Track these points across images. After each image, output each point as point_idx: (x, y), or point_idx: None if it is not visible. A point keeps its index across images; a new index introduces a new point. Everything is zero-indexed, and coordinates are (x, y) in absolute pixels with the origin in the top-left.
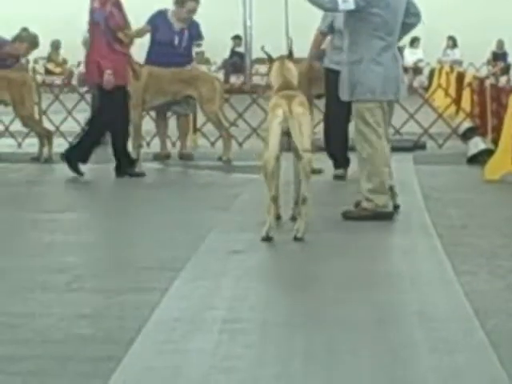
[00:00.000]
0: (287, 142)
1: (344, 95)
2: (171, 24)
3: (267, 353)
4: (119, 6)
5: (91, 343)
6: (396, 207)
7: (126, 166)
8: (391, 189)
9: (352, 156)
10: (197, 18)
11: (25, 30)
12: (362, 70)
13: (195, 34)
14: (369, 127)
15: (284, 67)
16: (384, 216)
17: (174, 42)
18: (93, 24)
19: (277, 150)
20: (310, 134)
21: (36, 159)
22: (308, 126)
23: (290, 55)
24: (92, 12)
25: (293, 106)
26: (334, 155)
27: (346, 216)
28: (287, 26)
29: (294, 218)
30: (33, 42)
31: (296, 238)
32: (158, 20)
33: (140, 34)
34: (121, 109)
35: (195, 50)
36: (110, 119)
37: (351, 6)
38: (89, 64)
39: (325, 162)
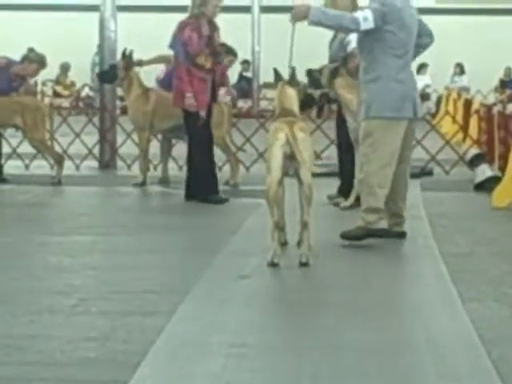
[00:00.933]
0: (290, 167)
1: (366, 112)
2: None
3: (273, 378)
4: (199, 32)
5: (97, 366)
6: (402, 234)
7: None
8: (399, 213)
9: None
10: None
11: (31, 50)
12: (378, 88)
13: None
14: (371, 147)
15: (283, 93)
16: (376, 232)
17: None
18: (172, 49)
19: (279, 174)
20: (312, 160)
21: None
22: (309, 151)
23: (291, 80)
24: (172, 37)
25: (295, 130)
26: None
27: (344, 236)
28: (291, 52)
29: (300, 243)
30: (41, 62)
31: (301, 263)
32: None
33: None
34: (204, 135)
35: None
36: (196, 140)
37: (371, 24)
38: (174, 88)
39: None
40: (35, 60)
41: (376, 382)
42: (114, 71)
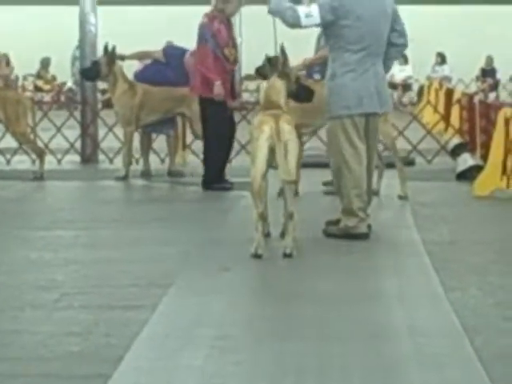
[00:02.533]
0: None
1: (327, 111)
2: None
3: (257, 370)
4: (228, 25)
5: (80, 361)
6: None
7: (212, 179)
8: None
9: None
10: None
11: None
12: (333, 87)
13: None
14: (336, 147)
15: (271, 86)
16: (355, 237)
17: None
18: (200, 39)
19: (264, 167)
20: (297, 153)
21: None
22: (294, 143)
23: (282, 71)
24: (200, 28)
25: (280, 123)
26: None
27: (324, 232)
28: (276, 43)
29: (283, 235)
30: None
31: (285, 255)
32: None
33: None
34: (223, 121)
35: None
36: (214, 130)
37: (316, 20)
38: (195, 77)
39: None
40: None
41: (360, 372)
42: (96, 68)
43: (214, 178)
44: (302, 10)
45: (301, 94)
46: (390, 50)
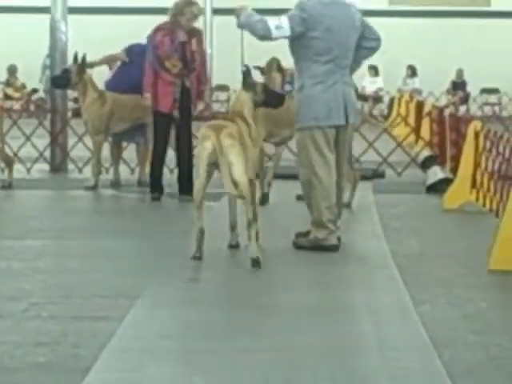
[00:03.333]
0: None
1: (296, 123)
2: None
3: (224, 382)
4: (172, 37)
5: (47, 371)
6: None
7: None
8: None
9: None
10: None
11: None
12: (302, 98)
13: None
14: (305, 159)
15: (237, 98)
16: (325, 249)
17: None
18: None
19: (204, 181)
20: (245, 162)
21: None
22: (235, 156)
23: (244, 82)
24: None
25: (221, 137)
26: None
27: (294, 244)
28: (243, 55)
29: (231, 246)
30: None
31: (252, 260)
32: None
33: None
34: (160, 134)
35: None
36: (154, 141)
37: (286, 32)
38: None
39: None
40: None
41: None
42: (67, 76)
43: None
44: (271, 22)
45: (271, 100)
46: (362, 51)
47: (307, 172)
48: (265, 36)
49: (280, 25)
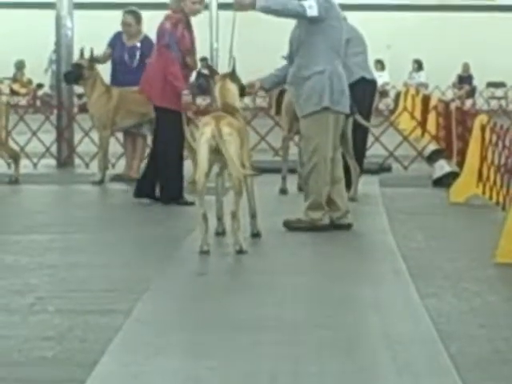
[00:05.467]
0: (218, 160)
1: (307, 108)
2: (123, 42)
3: (231, 375)
4: (190, 29)
5: (54, 365)
6: (348, 226)
7: (173, 192)
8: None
9: None
10: None
11: None
12: (317, 83)
13: (148, 50)
14: (319, 144)
15: (224, 88)
16: (320, 228)
17: (124, 59)
18: (162, 45)
19: (205, 167)
20: (240, 153)
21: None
22: (232, 145)
23: (233, 73)
24: (162, 32)
25: (221, 125)
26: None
27: (286, 226)
28: (232, 43)
29: (218, 233)
30: None
31: (237, 252)
32: (114, 40)
33: (104, 59)
34: (178, 132)
35: None
36: (166, 141)
37: (315, 12)
38: (155, 84)
39: None
40: None
41: (335, 378)
42: (79, 71)
43: (176, 193)
44: (304, 2)
45: (243, 90)
46: None
47: (316, 157)
48: (301, 12)
49: (311, 4)
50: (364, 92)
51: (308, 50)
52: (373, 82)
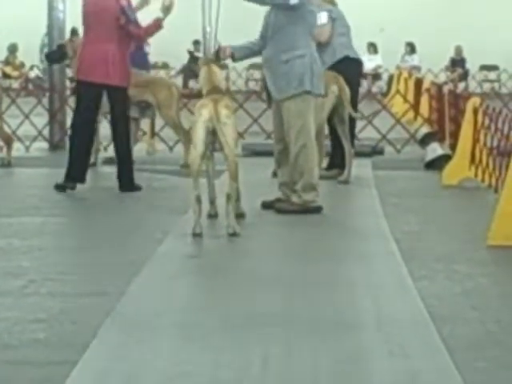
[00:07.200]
0: (214, 142)
1: (287, 91)
2: None
3: (224, 356)
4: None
5: (46, 347)
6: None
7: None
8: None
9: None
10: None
11: None
12: (299, 65)
13: None
14: (305, 124)
15: (211, 71)
16: (312, 210)
17: None
18: (124, 21)
19: (202, 149)
20: (234, 136)
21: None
22: (230, 128)
23: (217, 59)
24: (121, 10)
25: (218, 107)
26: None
27: (278, 210)
28: (204, 23)
29: (210, 216)
30: None
31: (230, 234)
32: None
33: None
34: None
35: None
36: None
37: (296, 0)
38: (107, 63)
39: None
40: None
41: (326, 360)
42: (62, 51)
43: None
44: None
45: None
46: None
47: (302, 138)
48: (283, 3)
49: None
50: (347, 69)
51: (286, 34)
52: (357, 61)
